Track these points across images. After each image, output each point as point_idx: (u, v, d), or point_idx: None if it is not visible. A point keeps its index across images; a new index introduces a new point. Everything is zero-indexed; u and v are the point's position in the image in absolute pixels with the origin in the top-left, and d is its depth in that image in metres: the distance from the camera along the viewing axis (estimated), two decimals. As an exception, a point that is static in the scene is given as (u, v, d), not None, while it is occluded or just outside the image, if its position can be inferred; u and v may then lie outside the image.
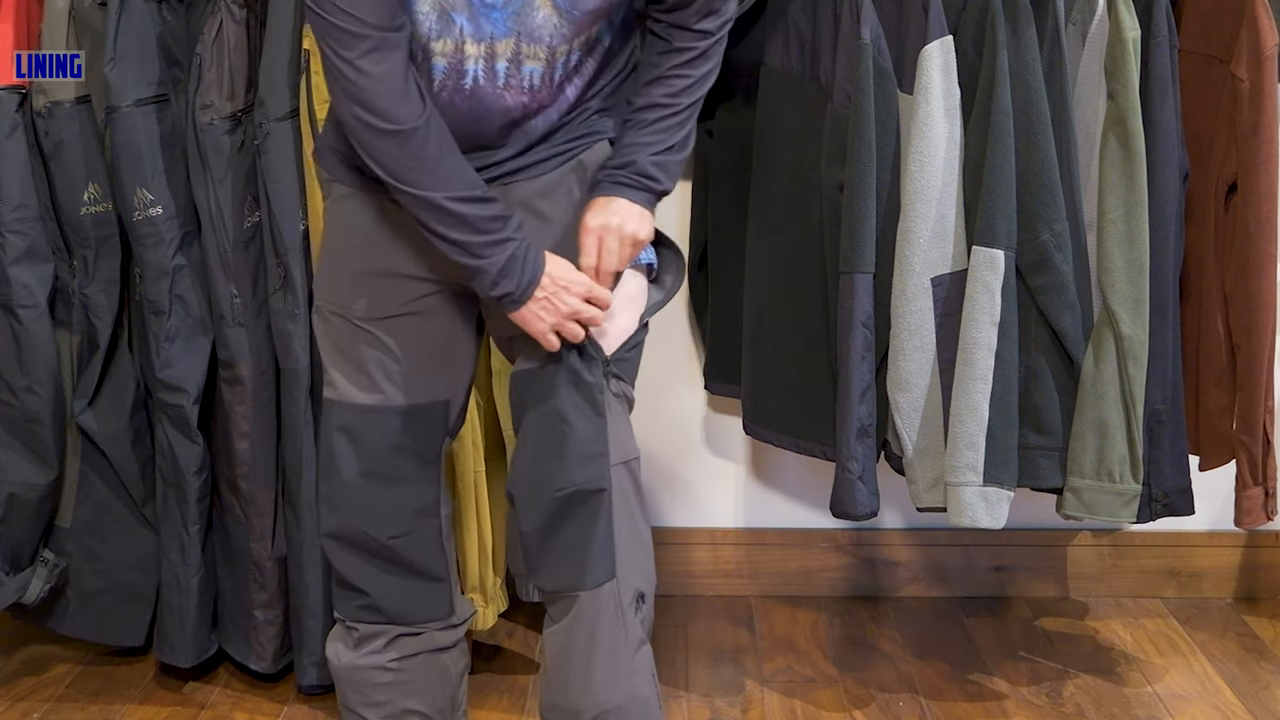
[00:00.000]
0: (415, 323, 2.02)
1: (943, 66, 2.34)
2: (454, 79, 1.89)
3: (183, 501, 2.53)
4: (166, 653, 2.61)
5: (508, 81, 1.91)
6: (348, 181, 2.01)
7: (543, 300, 1.93)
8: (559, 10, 1.87)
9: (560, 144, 2.00)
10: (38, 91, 2.44)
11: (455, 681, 2.19)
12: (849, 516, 2.44)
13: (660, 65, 1.99)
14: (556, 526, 1.97)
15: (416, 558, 2.09)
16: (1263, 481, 2.45)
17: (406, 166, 1.86)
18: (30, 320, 2.47)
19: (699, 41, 1.98)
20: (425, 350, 2.03)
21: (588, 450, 1.96)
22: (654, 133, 1.98)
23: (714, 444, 3.04)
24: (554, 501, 1.96)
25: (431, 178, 1.86)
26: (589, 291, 1.95)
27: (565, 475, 1.95)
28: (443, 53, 1.88)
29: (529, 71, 1.91)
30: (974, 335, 2.34)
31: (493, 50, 1.88)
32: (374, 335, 2.01)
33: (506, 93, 1.92)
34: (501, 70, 1.89)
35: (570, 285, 1.94)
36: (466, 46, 1.87)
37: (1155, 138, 2.36)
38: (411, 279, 2.01)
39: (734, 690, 2.67)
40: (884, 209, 2.40)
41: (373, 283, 2.01)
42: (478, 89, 1.90)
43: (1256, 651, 2.82)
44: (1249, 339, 2.42)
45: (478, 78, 1.89)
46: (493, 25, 1.86)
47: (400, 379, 2.03)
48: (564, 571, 1.98)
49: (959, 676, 2.71)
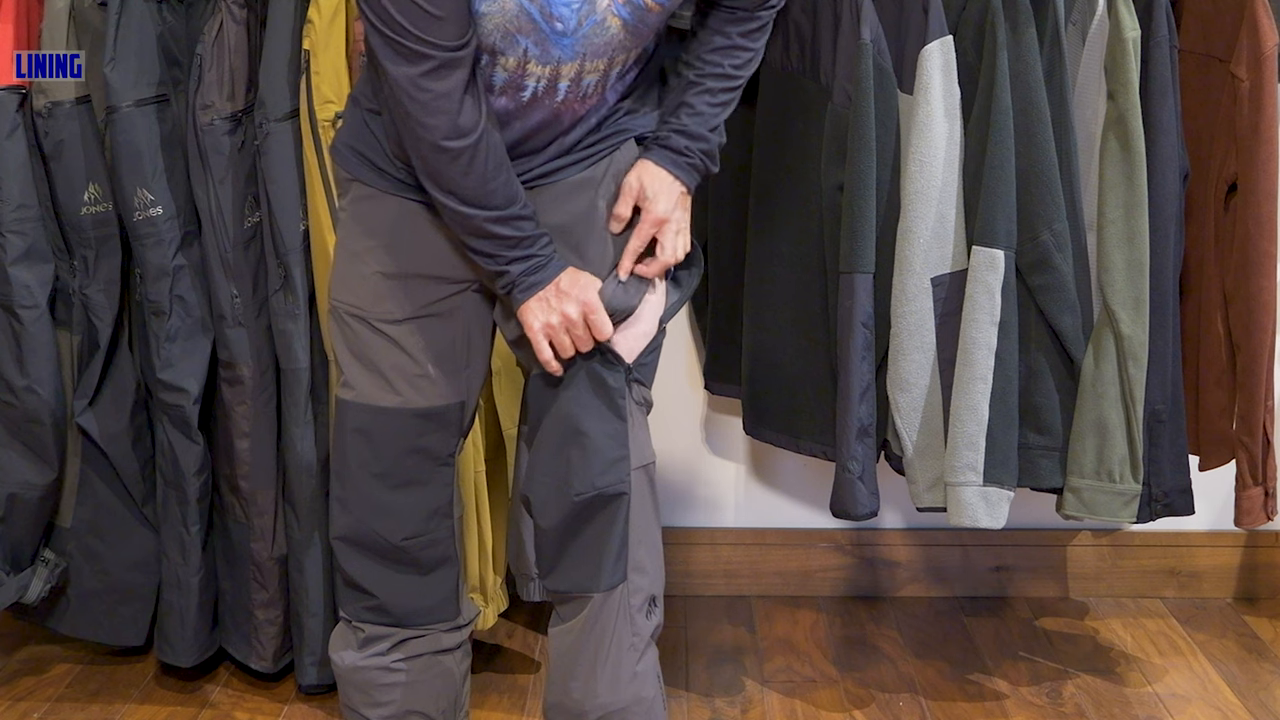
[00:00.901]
0: (435, 324, 2.02)
1: (943, 66, 2.34)
2: (513, 90, 1.90)
3: (183, 501, 2.53)
4: (167, 652, 2.61)
5: (567, 97, 1.91)
6: (368, 181, 2.00)
7: (544, 301, 1.93)
8: (627, 26, 1.87)
9: (592, 144, 2.00)
10: (38, 91, 2.44)
11: (458, 683, 2.19)
12: (849, 516, 2.44)
13: (729, 33, 2.01)
14: (576, 529, 1.98)
15: (428, 559, 2.09)
16: (1263, 481, 2.45)
17: (453, 180, 1.86)
18: (30, 320, 2.47)
19: (763, 10, 2.02)
20: (443, 352, 2.03)
21: (609, 455, 1.96)
22: (719, 105, 2.02)
23: (714, 444, 3.04)
24: (574, 505, 1.97)
25: (476, 194, 1.87)
26: (590, 312, 1.95)
27: (586, 479, 1.96)
28: (505, 67, 1.87)
29: (588, 84, 1.92)
30: (974, 335, 2.34)
31: (558, 72, 1.88)
32: (393, 337, 2.01)
33: (563, 106, 1.92)
34: (563, 89, 1.90)
35: (575, 298, 1.94)
36: (530, 66, 1.87)
37: (1155, 138, 2.36)
38: (433, 280, 2.00)
39: (734, 690, 2.67)
40: (884, 209, 2.40)
41: (393, 285, 2.00)
42: (535, 101, 1.91)
43: (1256, 651, 2.82)
44: (1249, 339, 2.42)
45: (537, 93, 1.90)
46: (561, 51, 1.86)
47: (418, 381, 2.02)
48: (579, 573, 1.99)
49: (959, 676, 2.72)
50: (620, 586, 1.99)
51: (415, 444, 2.04)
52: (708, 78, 2.01)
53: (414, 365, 2.01)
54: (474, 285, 2.02)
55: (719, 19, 2.02)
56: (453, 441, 2.08)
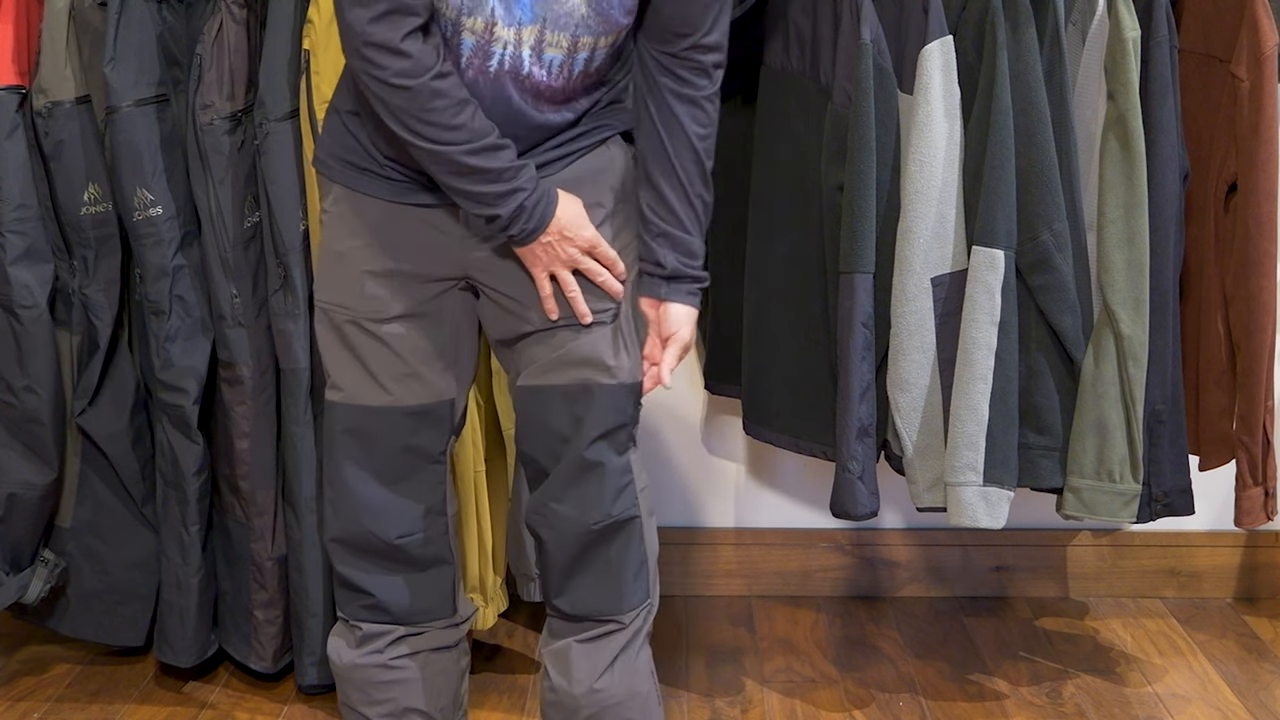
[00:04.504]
0: (422, 323, 2.02)
1: (943, 66, 2.34)
2: (480, 59, 1.89)
3: (183, 501, 2.53)
4: (166, 653, 2.61)
5: (531, 70, 1.90)
6: (349, 183, 2.01)
7: (546, 244, 1.94)
8: (589, 3, 1.87)
9: (571, 142, 2.00)
10: (38, 91, 2.44)
11: (457, 680, 2.19)
12: (849, 516, 2.44)
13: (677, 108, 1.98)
14: (592, 555, 2.02)
15: (423, 557, 2.09)
16: (1263, 481, 2.45)
17: (416, 117, 1.85)
18: (30, 320, 2.47)
19: (711, 71, 1.99)
20: (432, 350, 2.03)
21: (619, 482, 2.00)
22: (694, 209, 2.02)
23: (714, 444, 3.04)
24: (591, 533, 2.00)
25: (444, 130, 1.86)
26: (592, 246, 1.96)
27: (602, 510, 1.99)
28: (472, 29, 1.87)
29: (550, 59, 1.91)
30: (974, 335, 2.34)
31: (520, 36, 1.88)
32: (381, 336, 2.01)
33: (527, 82, 1.91)
34: (526, 58, 1.89)
35: (575, 238, 1.95)
36: (497, 29, 1.87)
37: (1155, 138, 2.36)
38: (418, 279, 2.00)
39: (734, 690, 2.67)
40: (884, 209, 2.40)
41: (379, 284, 2.00)
42: (501, 74, 1.90)
43: (1256, 651, 2.82)
44: (1249, 339, 2.42)
45: (504, 62, 1.89)
46: (521, 10, 1.86)
47: (407, 380, 2.02)
48: (598, 596, 2.02)
49: (959, 676, 2.72)
50: (644, 605, 2.04)
51: (406, 442, 2.04)
52: (678, 169, 2.00)
53: (402, 364, 2.02)
54: (460, 284, 2.03)
55: (662, 93, 1.99)
56: (444, 439, 2.08)
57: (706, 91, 1.99)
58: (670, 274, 2.02)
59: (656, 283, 2.03)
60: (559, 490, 2.00)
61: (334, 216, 2.04)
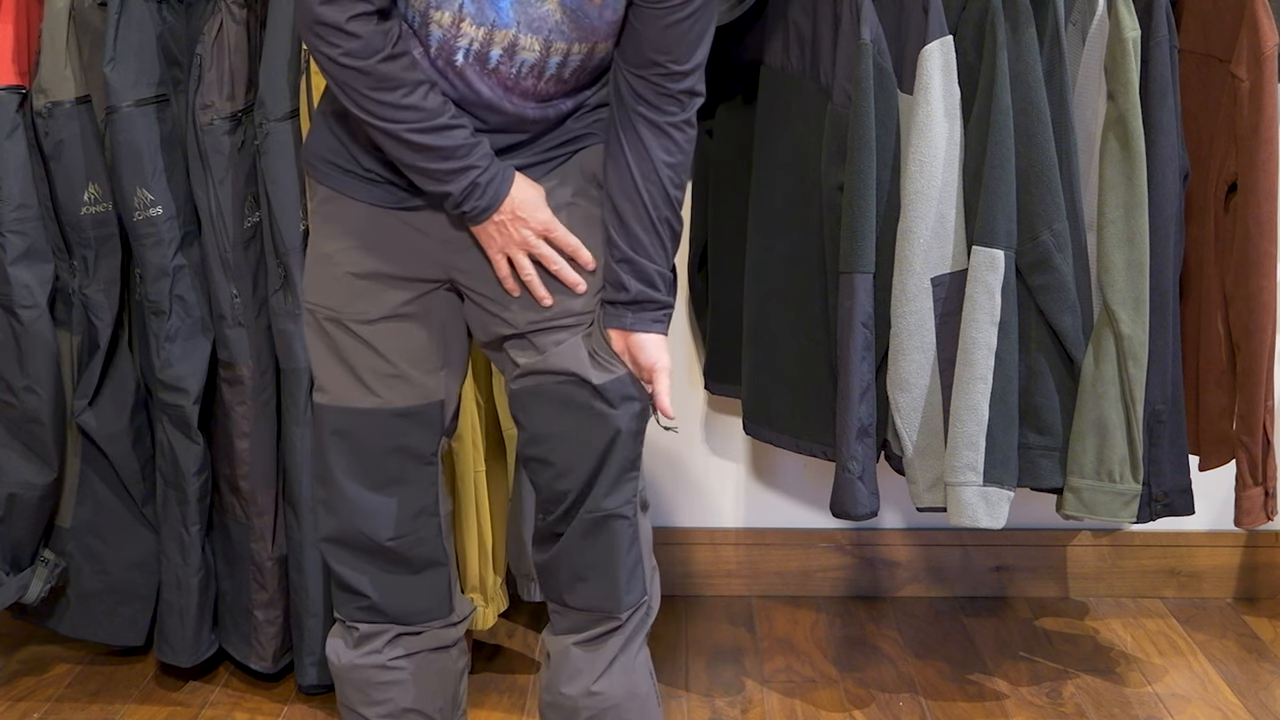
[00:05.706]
0: (408, 325, 2.01)
1: (943, 66, 2.34)
2: (447, 52, 1.89)
3: (183, 501, 2.53)
4: (166, 653, 2.61)
5: (498, 68, 1.90)
6: (334, 185, 2.01)
7: (500, 224, 1.93)
8: (565, 9, 1.86)
9: (548, 148, 1.99)
10: (38, 91, 2.44)
11: (455, 680, 2.19)
12: (849, 516, 2.44)
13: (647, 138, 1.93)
14: (583, 547, 2.01)
15: (417, 558, 2.09)
16: (1263, 481, 2.45)
17: (367, 98, 1.86)
18: (30, 320, 2.47)
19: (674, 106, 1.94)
20: (418, 352, 2.03)
21: (623, 479, 1.99)
22: (659, 235, 1.96)
23: (714, 444, 3.04)
24: (584, 521, 1.99)
25: (393, 109, 1.86)
26: (547, 230, 1.95)
27: (595, 501, 1.98)
28: (439, 23, 1.87)
29: (522, 61, 1.90)
30: (974, 335, 2.34)
31: (491, 37, 1.87)
32: (367, 338, 2.00)
33: (494, 77, 1.91)
34: (495, 57, 1.89)
35: (529, 219, 1.93)
36: (464, 25, 1.86)
37: (1155, 138, 2.36)
38: (404, 281, 2.00)
39: (734, 690, 2.67)
40: (884, 209, 2.40)
41: (365, 285, 2.00)
42: (467, 68, 1.90)
43: (1256, 651, 2.82)
44: (1249, 339, 2.42)
45: (469, 57, 1.89)
46: (498, 13, 1.86)
47: (394, 382, 2.02)
48: (596, 593, 2.01)
49: (959, 676, 2.72)
50: (643, 605, 2.03)
51: (396, 444, 2.04)
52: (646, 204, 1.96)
53: (388, 366, 2.01)
54: (446, 285, 2.02)
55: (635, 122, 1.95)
56: (434, 441, 2.08)
57: (677, 119, 1.94)
58: (633, 299, 1.96)
59: (621, 310, 1.97)
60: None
61: (321, 217, 2.04)
